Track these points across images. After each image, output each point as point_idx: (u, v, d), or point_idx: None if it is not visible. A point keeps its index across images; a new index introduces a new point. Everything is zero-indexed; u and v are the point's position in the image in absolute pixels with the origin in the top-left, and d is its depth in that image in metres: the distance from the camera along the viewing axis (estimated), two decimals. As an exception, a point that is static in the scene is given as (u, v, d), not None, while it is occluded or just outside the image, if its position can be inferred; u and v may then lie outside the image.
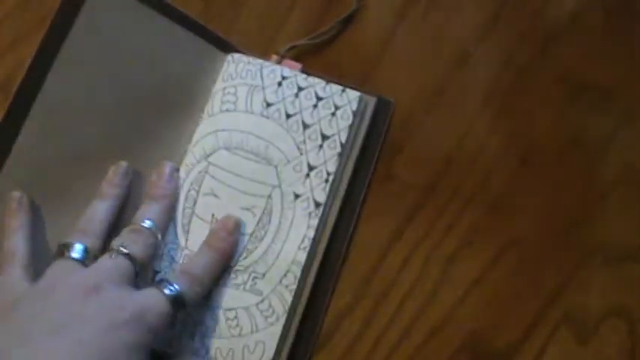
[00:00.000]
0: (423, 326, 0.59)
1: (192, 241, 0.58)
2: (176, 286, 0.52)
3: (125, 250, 0.52)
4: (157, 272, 0.57)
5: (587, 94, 0.65)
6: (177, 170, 0.59)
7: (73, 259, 0.51)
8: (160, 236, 0.56)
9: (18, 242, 0.53)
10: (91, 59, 0.58)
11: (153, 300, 0.50)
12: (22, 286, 0.50)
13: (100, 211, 0.55)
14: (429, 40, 0.67)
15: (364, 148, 0.62)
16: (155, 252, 0.56)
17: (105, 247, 0.54)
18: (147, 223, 0.55)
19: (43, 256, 0.54)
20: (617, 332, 0.59)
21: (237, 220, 0.58)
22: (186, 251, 0.58)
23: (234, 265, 0.57)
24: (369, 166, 0.63)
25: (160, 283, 0.52)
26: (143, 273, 0.54)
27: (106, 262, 0.51)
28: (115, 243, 0.53)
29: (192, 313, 0.56)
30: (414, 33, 0.68)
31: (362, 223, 0.61)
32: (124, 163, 0.58)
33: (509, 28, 0.68)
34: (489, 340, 0.59)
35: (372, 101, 0.63)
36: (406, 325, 0.59)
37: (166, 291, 0.51)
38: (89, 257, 0.52)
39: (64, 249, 0.52)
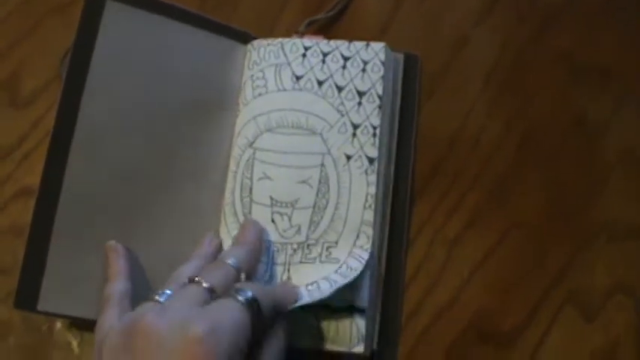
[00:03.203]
0: (429, 308, 0.60)
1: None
2: (249, 292, 0.48)
3: (198, 279, 0.49)
4: None
5: (587, 75, 0.66)
6: (259, 225, 0.58)
7: (157, 300, 0.49)
8: (243, 275, 0.52)
9: (115, 286, 0.53)
10: (119, 80, 0.58)
11: (226, 311, 0.46)
12: (111, 324, 0.50)
13: (188, 267, 0.54)
14: (428, 24, 0.69)
15: (403, 105, 0.63)
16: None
17: None
18: (229, 260, 0.53)
19: None
20: (623, 309, 0.59)
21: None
22: None
23: (306, 240, 0.57)
24: (412, 122, 0.63)
25: (234, 292, 0.49)
26: None
27: (177, 291, 0.50)
28: (191, 276, 0.51)
29: None
30: (413, 14, 0.69)
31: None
32: (211, 234, 0.58)
33: (507, 10, 0.68)
34: (495, 320, 0.59)
35: (400, 57, 0.64)
36: (412, 307, 0.60)
37: (240, 297, 0.47)
38: None
39: (153, 295, 0.50)
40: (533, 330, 0.59)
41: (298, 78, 0.61)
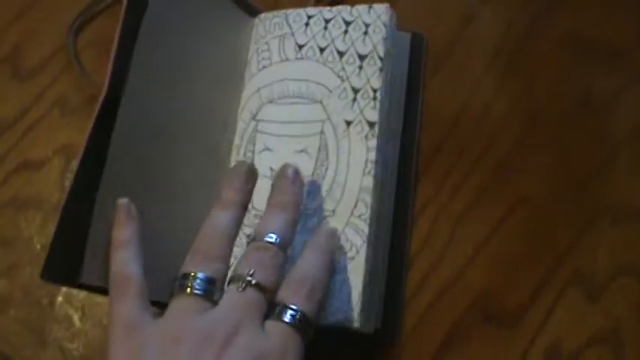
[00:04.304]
0: (433, 285, 0.59)
1: (257, 200, 0.54)
2: (295, 307, 0.44)
3: (254, 281, 0.44)
4: None
5: (595, 54, 0.65)
6: (299, 172, 0.51)
7: (196, 295, 0.44)
8: (289, 251, 0.47)
9: (130, 264, 0.46)
10: (163, 39, 0.55)
11: (284, 341, 0.44)
12: (143, 321, 0.44)
13: (222, 224, 0.47)
14: (434, 1, 0.68)
15: (409, 83, 0.63)
16: (283, 272, 0.47)
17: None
18: (272, 238, 0.46)
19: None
20: (626, 291, 0.57)
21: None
22: (253, 212, 0.56)
23: (304, 210, 0.54)
24: (418, 100, 0.63)
25: (280, 312, 0.45)
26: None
27: (234, 298, 0.44)
28: (241, 268, 0.45)
29: None
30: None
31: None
32: (247, 163, 0.50)
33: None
34: (499, 299, 0.58)
35: (407, 36, 0.64)
36: (416, 284, 0.59)
37: (288, 319, 0.44)
38: (215, 289, 0.44)
39: (184, 282, 0.44)
40: (537, 310, 0.57)
41: (301, 47, 0.60)
